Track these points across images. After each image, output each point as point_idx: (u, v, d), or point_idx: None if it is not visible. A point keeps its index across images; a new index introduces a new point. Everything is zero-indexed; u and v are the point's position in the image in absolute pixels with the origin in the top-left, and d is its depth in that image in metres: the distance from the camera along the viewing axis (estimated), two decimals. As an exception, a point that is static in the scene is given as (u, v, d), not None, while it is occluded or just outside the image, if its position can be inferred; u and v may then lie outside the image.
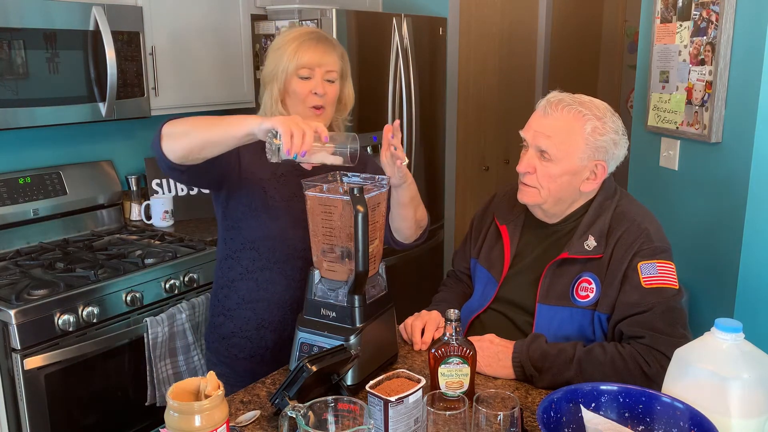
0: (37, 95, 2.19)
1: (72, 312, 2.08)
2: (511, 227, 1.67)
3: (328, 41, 1.68)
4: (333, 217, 1.44)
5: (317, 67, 1.63)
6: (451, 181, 3.80)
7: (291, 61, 1.62)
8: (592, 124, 1.50)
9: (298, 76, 1.63)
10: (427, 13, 3.48)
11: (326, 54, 1.65)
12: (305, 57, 1.63)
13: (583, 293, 1.53)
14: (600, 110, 1.52)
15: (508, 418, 1.07)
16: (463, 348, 1.30)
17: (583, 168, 1.52)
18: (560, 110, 1.51)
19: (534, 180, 1.55)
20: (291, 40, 1.65)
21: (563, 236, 1.60)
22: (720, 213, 2.23)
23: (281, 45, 1.66)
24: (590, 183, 1.55)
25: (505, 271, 1.64)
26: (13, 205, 2.46)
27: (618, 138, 1.53)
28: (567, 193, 1.56)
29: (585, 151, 1.50)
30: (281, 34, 1.71)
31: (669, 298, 1.46)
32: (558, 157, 1.51)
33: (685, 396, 1.14)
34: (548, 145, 1.51)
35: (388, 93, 3.04)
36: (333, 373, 1.33)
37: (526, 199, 1.59)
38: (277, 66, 1.65)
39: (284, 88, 1.65)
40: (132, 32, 2.43)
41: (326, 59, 1.65)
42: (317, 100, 1.64)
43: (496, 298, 1.64)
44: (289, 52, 1.63)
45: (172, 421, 1.08)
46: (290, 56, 1.63)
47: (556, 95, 1.56)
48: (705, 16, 2.22)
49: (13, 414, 2.04)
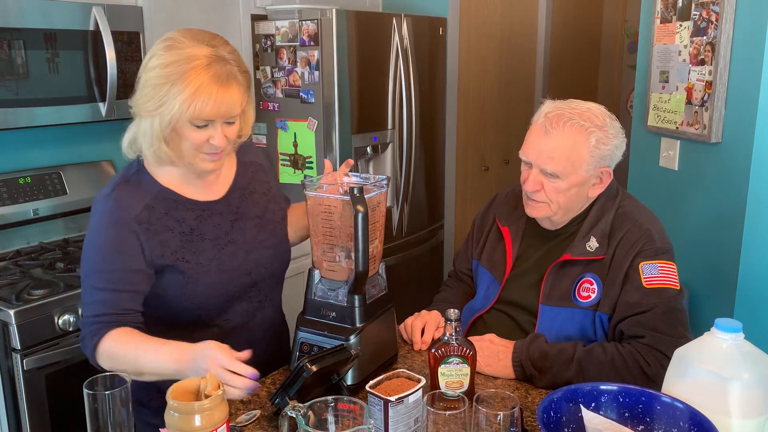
0: (37, 95, 2.19)
1: (72, 312, 2.08)
2: (513, 229, 1.67)
3: (230, 80, 1.32)
4: (333, 217, 1.44)
5: (218, 119, 1.34)
6: (451, 181, 3.80)
7: (184, 110, 1.29)
8: (596, 136, 1.48)
9: (193, 125, 1.33)
10: (427, 13, 3.48)
11: (229, 101, 1.32)
12: (205, 109, 1.30)
13: (584, 294, 1.53)
14: (599, 118, 1.51)
15: (508, 418, 1.07)
16: (463, 348, 1.30)
17: (589, 178, 1.53)
18: (562, 127, 1.48)
19: (543, 196, 1.53)
20: (180, 77, 1.28)
21: (566, 238, 1.60)
22: (720, 213, 2.23)
23: (167, 80, 1.29)
24: (597, 188, 1.56)
25: (507, 272, 1.64)
26: (13, 205, 2.46)
27: (619, 142, 1.53)
28: (576, 203, 1.56)
29: (590, 163, 1.50)
30: (164, 58, 1.31)
31: (670, 298, 1.47)
32: (565, 174, 1.49)
33: (685, 396, 1.14)
34: (554, 166, 1.49)
35: (388, 93, 3.04)
36: (333, 373, 1.33)
37: (536, 214, 1.58)
38: (162, 107, 1.30)
39: (171, 130, 1.34)
40: (132, 32, 2.43)
41: (228, 108, 1.33)
42: (214, 150, 1.37)
43: (499, 299, 1.65)
44: (181, 99, 1.28)
45: (172, 421, 1.08)
46: (183, 104, 1.28)
47: (553, 109, 1.52)
48: (705, 16, 2.22)
49: (13, 414, 2.04)
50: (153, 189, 1.43)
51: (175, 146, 1.37)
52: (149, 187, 1.43)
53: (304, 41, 2.80)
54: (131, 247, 1.38)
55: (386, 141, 3.08)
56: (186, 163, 1.41)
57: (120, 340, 1.34)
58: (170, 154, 1.38)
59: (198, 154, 1.38)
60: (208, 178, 1.49)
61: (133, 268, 1.39)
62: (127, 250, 1.38)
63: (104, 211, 1.40)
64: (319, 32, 2.75)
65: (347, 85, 2.81)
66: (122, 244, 1.38)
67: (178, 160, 1.41)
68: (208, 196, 1.49)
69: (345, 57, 2.78)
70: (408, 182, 3.18)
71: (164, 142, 1.36)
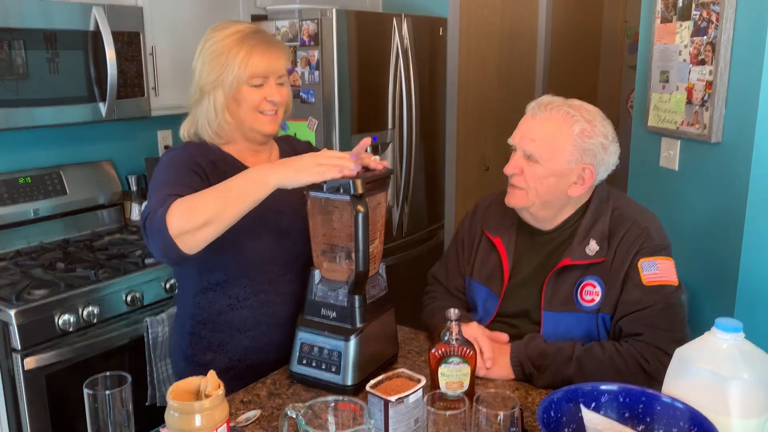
0: (37, 95, 2.19)
1: (72, 312, 2.08)
2: (505, 238, 1.64)
3: (276, 43, 1.56)
4: (333, 217, 1.44)
5: (271, 75, 1.53)
6: (451, 181, 3.79)
7: (242, 69, 1.49)
8: (581, 125, 1.49)
9: (250, 84, 1.51)
10: (427, 13, 3.48)
11: (278, 59, 1.53)
12: (260, 66, 1.50)
13: (588, 297, 1.52)
14: (590, 113, 1.51)
15: (508, 418, 1.07)
16: (463, 348, 1.30)
17: (570, 171, 1.51)
18: (549, 111, 1.50)
19: (522, 181, 1.54)
20: (235, 43, 1.50)
21: (561, 243, 1.58)
22: (720, 213, 2.23)
23: (224, 49, 1.50)
24: (578, 188, 1.53)
25: (506, 283, 1.62)
26: (13, 205, 2.46)
27: (607, 143, 1.51)
28: (554, 197, 1.54)
29: (572, 153, 1.49)
30: (217, 35, 1.53)
31: (669, 294, 1.48)
32: (544, 159, 1.50)
33: (685, 396, 1.14)
34: (534, 148, 1.50)
35: (388, 93, 3.04)
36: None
37: (513, 201, 1.58)
38: (222, 74, 1.49)
39: (232, 96, 1.52)
40: (132, 32, 2.43)
41: (279, 65, 1.53)
42: (271, 107, 1.54)
43: (499, 313, 1.62)
44: (239, 60, 1.48)
45: (172, 421, 1.08)
46: (241, 64, 1.48)
47: (546, 97, 1.55)
48: (705, 15, 2.22)
49: (13, 414, 2.04)
50: (218, 151, 1.58)
51: (235, 114, 1.53)
52: (215, 149, 1.58)
53: (304, 41, 2.80)
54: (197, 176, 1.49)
55: (386, 141, 3.08)
56: (247, 129, 1.55)
57: (193, 194, 1.35)
58: (232, 124, 1.54)
59: (257, 116, 1.53)
60: (261, 155, 1.62)
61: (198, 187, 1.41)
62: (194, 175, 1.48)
63: (175, 156, 1.54)
64: (319, 32, 2.75)
65: (347, 85, 2.81)
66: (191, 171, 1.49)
67: (240, 128, 1.55)
68: None
69: (345, 57, 2.78)
70: (408, 182, 3.18)
71: (227, 112, 1.53)
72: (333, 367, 1.42)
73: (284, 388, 1.46)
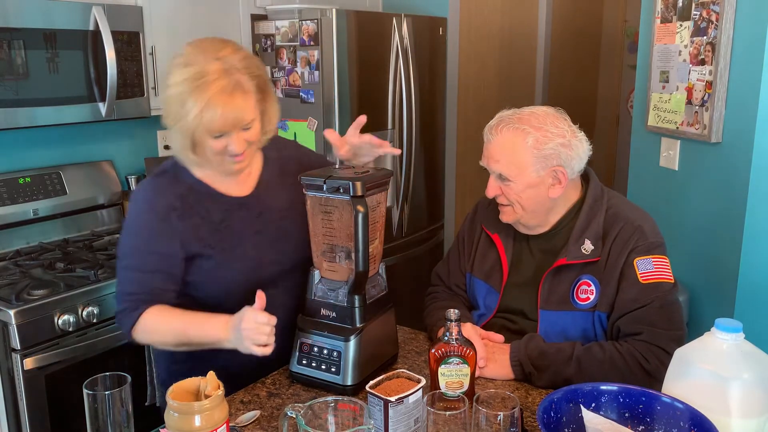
0: (37, 95, 2.19)
1: (72, 312, 2.08)
2: (503, 235, 1.67)
3: (236, 89, 1.35)
4: (333, 217, 1.44)
5: (232, 129, 1.38)
6: (451, 181, 3.79)
7: (198, 124, 1.34)
8: (533, 136, 1.50)
9: (210, 135, 1.38)
10: (427, 13, 3.48)
11: (242, 110, 1.37)
12: (216, 122, 1.35)
13: (583, 296, 1.53)
14: (539, 120, 1.52)
15: (508, 418, 1.07)
16: (463, 348, 1.30)
17: (542, 178, 1.53)
18: (500, 132, 1.54)
19: (504, 200, 1.58)
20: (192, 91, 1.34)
21: (557, 242, 1.59)
22: (720, 213, 2.23)
23: (181, 95, 1.35)
24: (556, 188, 1.55)
25: (505, 279, 1.63)
26: (13, 205, 2.46)
27: (567, 140, 1.51)
28: (538, 204, 1.56)
29: (536, 164, 1.51)
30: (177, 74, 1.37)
31: (666, 292, 1.48)
32: (513, 176, 1.53)
33: (685, 396, 1.14)
34: (500, 168, 1.53)
35: (388, 93, 3.04)
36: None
37: (506, 219, 1.61)
38: (180, 121, 1.37)
39: (193, 139, 1.40)
40: (132, 32, 2.43)
41: (241, 116, 1.37)
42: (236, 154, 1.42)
43: (500, 308, 1.64)
44: (193, 114, 1.33)
45: (172, 421, 1.08)
46: (196, 119, 1.34)
47: (496, 117, 1.58)
48: (705, 16, 2.22)
49: (13, 414, 2.04)
50: (189, 181, 1.52)
51: (201, 153, 1.44)
52: (185, 178, 1.52)
53: (304, 41, 2.80)
54: (165, 231, 1.46)
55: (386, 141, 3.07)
56: (213, 167, 1.50)
57: (162, 315, 1.44)
58: (198, 160, 1.46)
59: (222, 159, 1.44)
60: (238, 176, 1.55)
61: (166, 251, 1.46)
62: (162, 234, 1.46)
63: (142, 199, 1.50)
64: (319, 32, 2.75)
65: (347, 85, 2.81)
66: (157, 229, 1.46)
67: (206, 165, 1.49)
68: (238, 191, 1.56)
69: (345, 57, 2.78)
70: (408, 182, 3.18)
71: (190, 150, 1.43)
72: (333, 367, 1.42)
73: (284, 388, 1.46)
